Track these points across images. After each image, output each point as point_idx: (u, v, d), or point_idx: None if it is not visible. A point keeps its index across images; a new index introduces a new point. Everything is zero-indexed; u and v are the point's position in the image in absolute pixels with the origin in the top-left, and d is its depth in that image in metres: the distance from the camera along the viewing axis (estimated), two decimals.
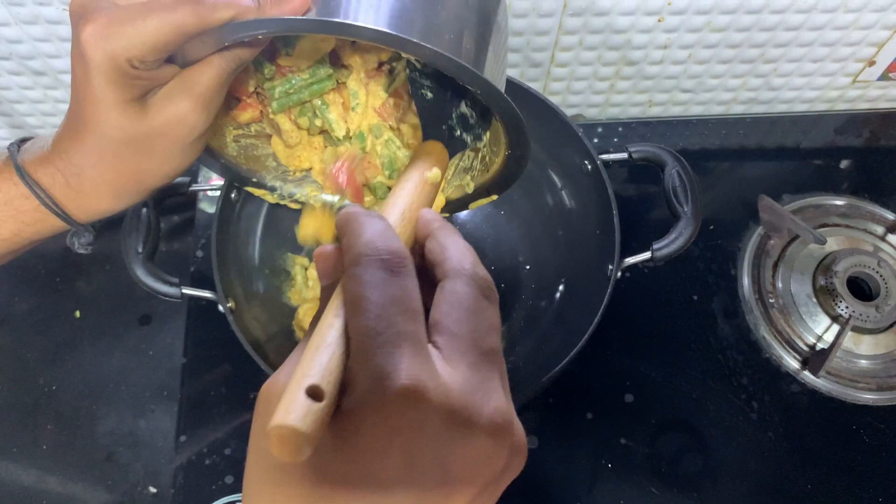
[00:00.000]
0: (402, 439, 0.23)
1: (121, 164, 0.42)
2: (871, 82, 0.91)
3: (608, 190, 0.66)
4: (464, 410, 0.24)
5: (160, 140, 0.41)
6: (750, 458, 0.71)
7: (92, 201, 0.44)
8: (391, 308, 0.25)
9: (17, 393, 0.74)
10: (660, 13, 0.75)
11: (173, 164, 0.43)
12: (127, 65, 0.36)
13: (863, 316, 0.75)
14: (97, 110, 0.39)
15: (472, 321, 0.27)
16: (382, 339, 0.24)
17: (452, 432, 0.24)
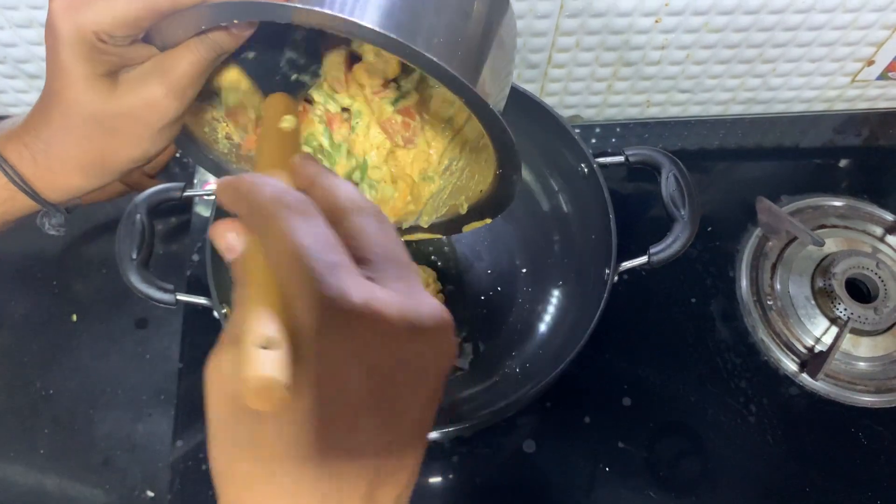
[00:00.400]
0: (373, 355, 0.24)
1: (87, 141, 0.41)
2: (870, 82, 0.90)
3: (605, 194, 0.66)
4: (412, 316, 0.25)
5: (128, 121, 0.40)
6: (748, 461, 0.71)
7: (60, 179, 0.43)
8: (319, 245, 0.25)
9: (13, 397, 0.74)
10: (657, 14, 0.75)
11: (141, 147, 0.42)
12: (95, 38, 0.36)
13: (861, 318, 0.75)
14: (64, 84, 0.38)
15: (382, 242, 0.28)
16: (322, 271, 0.24)
17: (411, 338, 0.25)
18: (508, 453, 0.70)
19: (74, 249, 0.82)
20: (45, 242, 0.82)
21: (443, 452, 0.70)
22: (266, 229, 0.26)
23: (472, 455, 0.70)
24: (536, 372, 0.69)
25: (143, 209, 0.63)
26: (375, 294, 0.25)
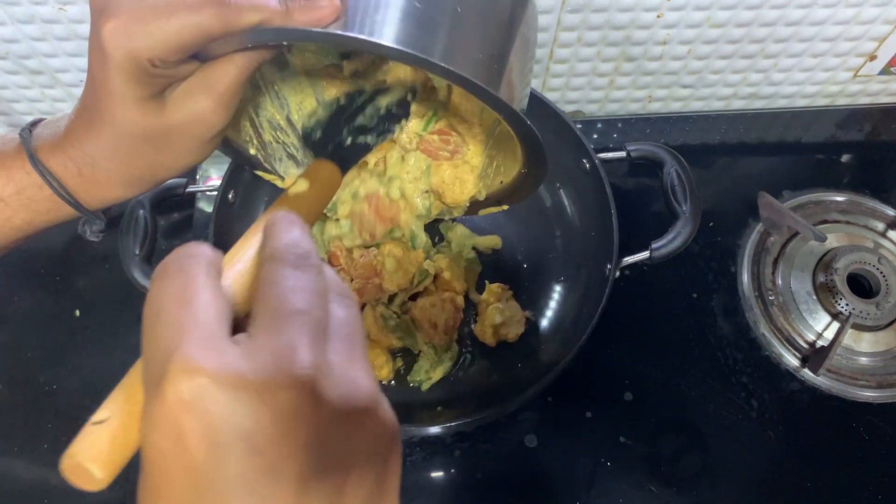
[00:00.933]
0: (191, 425, 0.22)
1: (136, 157, 0.41)
2: (873, 77, 0.90)
3: (606, 189, 0.66)
4: (254, 374, 0.23)
5: (177, 137, 0.40)
6: (749, 456, 0.71)
7: (104, 190, 0.43)
8: (173, 304, 0.24)
9: (17, 392, 0.74)
10: (659, 9, 0.75)
11: (189, 159, 0.43)
12: (148, 64, 0.36)
13: (863, 313, 0.75)
14: (114, 105, 0.38)
15: (273, 293, 0.26)
16: (162, 331, 0.24)
17: (244, 400, 0.22)
18: (510, 448, 0.71)
19: (77, 245, 0.82)
20: (49, 239, 0.83)
21: (444, 447, 0.71)
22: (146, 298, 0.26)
23: (474, 450, 0.71)
24: (538, 367, 0.69)
25: (146, 205, 0.63)
26: (223, 357, 0.23)
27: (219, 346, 0.23)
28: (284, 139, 0.57)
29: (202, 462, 0.22)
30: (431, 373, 0.69)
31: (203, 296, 0.25)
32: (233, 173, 0.67)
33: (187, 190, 0.66)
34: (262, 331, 0.24)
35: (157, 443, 0.22)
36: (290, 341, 0.24)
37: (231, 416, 0.22)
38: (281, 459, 0.22)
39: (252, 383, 0.22)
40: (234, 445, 0.22)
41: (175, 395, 0.22)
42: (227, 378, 0.22)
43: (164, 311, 0.24)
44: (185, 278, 0.25)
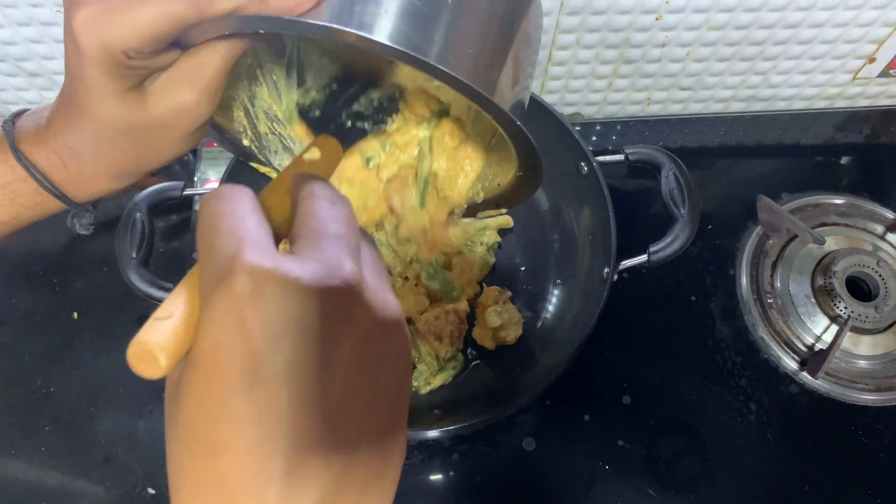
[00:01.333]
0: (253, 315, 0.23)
1: (120, 151, 0.40)
2: (872, 79, 0.90)
3: (605, 192, 0.66)
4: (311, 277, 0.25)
5: (161, 130, 0.39)
6: (748, 459, 0.71)
7: (91, 183, 0.43)
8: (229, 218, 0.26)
9: (14, 394, 0.74)
10: (658, 11, 0.75)
11: (175, 150, 0.42)
12: (123, 56, 0.35)
13: (862, 316, 0.75)
14: (93, 99, 0.37)
15: (316, 219, 0.28)
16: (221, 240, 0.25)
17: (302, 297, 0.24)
18: (508, 451, 0.71)
19: (75, 247, 0.82)
20: (47, 241, 0.83)
21: (443, 450, 0.70)
22: (198, 219, 0.27)
23: (472, 453, 0.70)
24: (536, 370, 0.69)
25: (143, 208, 0.63)
26: (279, 260, 0.24)
27: (274, 253, 0.25)
28: (281, 131, 0.56)
29: (260, 349, 0.23)
30: (431, 379, 0.69)
31: (253, 217, 0.27)
32: (231, 176, 0.66)
33: (185, 193, 0.65)
34: (307, 249, 0.26)
35: (214, 334, 0.23)
36: (336, 255, 0.26)
37: (289, 309, 0.24)
38: (329, 350, 0.25)
39: (308, 283, 0.24)
40: (290, 335, 0.24)
41: (240, 288, 0.23)
42: (285, 277, 0.24)
43: (222, 224, 0.26)
44: (238, 203, 0.27)
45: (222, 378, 0.23)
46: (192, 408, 0.24)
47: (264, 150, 0.57)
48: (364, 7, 0.33)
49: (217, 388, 0.23)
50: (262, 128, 0.55)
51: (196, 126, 0.40)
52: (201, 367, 0.24)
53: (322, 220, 0.28)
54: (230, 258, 0.24)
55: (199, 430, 0.24)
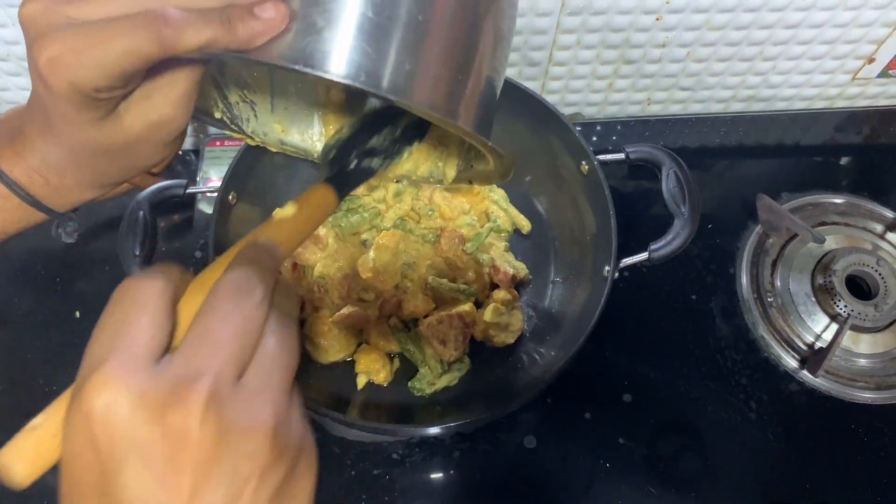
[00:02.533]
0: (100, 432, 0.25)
1: (102, 166, 0.40)
2: (871, 79, 0.90)
3: (605, 191, 0.66)
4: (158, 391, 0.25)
5: (140, 145, 0.39)
6: (748, 457, 0.71)
7: (75, 195, 0.43)
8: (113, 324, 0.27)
9: (17, 394, 0.74)
10: (658, 12, 0.75)
11: (156, 159, 0.42)
12: (92, 92, 0.34)
13: (861, 315, 0.75)
14: (68, 127, 0.36)
15: (203, 316, 0.28)
16: (91, 356, 0.27)
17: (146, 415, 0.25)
18: (509, 449, 0.71)
19: (77, 247, 0.82)
20: (48, 240, 0.83)
21: (444, 448, 0.71)
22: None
23: (474, 451, 0.71)
24: (537, 368, 0.69)
25: (145, 206, 0.63)
26: (133, 376, 0.25)
27: (136, 366, 0.26)
28: (252, 97, 0.55)
29: (106, 468, 0.24)
30: (435, 381, 0.69)
31: (143, 319, 0.27)
32: (233, 175, 0.67)
33: (187, 191, 0.66)
34: (179, 354, 0.27)
35: (71, 447, 0.25)
36: (198, 367, 0.26)
37: (131, 429, 0.25)
38: (171, 473, 0.25)
39: (150, 402, 0.25)
40: (132, 456, 0.25)
41: (89, 404, 0.24)
42: (132, 395, 0.25)
43: (105, 331, 0.27)
44: (133, 303, 0.28)
45: (79, 492, 0.25)
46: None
47: (236, 120, 0.56)
48: (318, 37, 0.33)
49: (78, 498, 0.25)
50: (232, 97, 0.54)
51: (172, 137, 0.40)
52: (64, 476, 0.26)
53: (209, 322, 0.28)
54: (92, 370, 0.25)
55: None
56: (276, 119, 0.59)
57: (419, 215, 0.76)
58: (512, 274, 0.72)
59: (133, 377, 0.25)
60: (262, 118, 0.58)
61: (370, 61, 0.33)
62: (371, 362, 0.70)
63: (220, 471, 0.26)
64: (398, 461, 0.70)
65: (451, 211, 0.75)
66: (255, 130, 0.58)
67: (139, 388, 0.25)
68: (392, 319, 0.72)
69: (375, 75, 0.33)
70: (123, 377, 0.25)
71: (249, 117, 0.57)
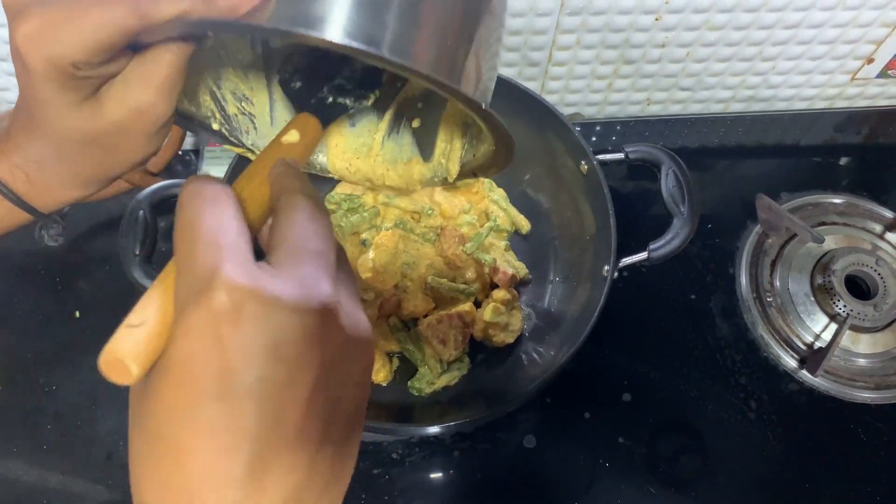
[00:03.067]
0: (229, 331, 0.24)
1: (84, 160, 0.40)
2: (870, 80, 0.90)
3: (605, 191, 0.66)
4: (289, 296, 0.25)
5: (122, 135, 0.38)
6: (748, 457, 0.71)
7: (57, 193, 0.42)
8: (210, 228, 0.26)
9: (16, 393, 0.74)
10: (658, 12, 0.75)
11: (140, 153, 0.41)
12: (70, 68, 0.33)
13: (861, 315, 0.75)
14: (48, 113, 0.36)
15: (297, 231, 0.29)
16: (199, 252, 0.26)
17: (278, 316, 0.25)
18: (509, 449, 0.71)
19: (77, 246, 0.82)
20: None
21: (444, 448, 0.71)
22: (177, 217, 0.28)
23: (473, 450, 0.71)
24: (537, 368, 0.69)
25: (145, 206, 0.63)
26: (258, 277, 0.25)
27: (254, 269, 0.26)
28: (251, 110, 0.55)
29: (233, 365, 0.24)
30: (435, 380, 0.69)
31: (235, 225, 0.27)
32: (233, 174, 0.67)
33: None
34: (287, 264, 0.27)
35: (189, 346, 0.24)
36: (314, 275, 0.27)
37: (265, 329, 0.25)
38: (299, 370, 0.25)
39: (286, 303, 0.25)
40: (264, 355, 0.25)
41: (218, 305, 0.24)
42: (264, 295, 0.25)
43: (202, 230, 0.26)
44: (219, 207, 0.28)
45: (194, 388, 0.24)
46: (160, 412, 0.25)
47: (235, 132, 0.55)
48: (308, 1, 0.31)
49: (187, 396, 0.24)
50: (230, 109, 0.54)
51: (156, 126, 0.39)
52: (173, 375, 0.25)
53: (302, 235, 0.29)
54: (209, 271, 0.25)
55: (166, 433, 0.25)
56: (276, 131, 0.59)
57: (419, 214, 0.76)
58: (512, 274, 0.72)
59: (258, 279, 0.25)
60: (261, 130, 0.58)
61: (368, 23, 0.32)
62: None
63: (337, 376, 0.27)
64: (398, 461, 0.70)
65: (451, 209, 0.75)
66: (255, 143, 0.58)
67: (269, 289, 0.25)
68: (392, 319, 0.72)
69: (374, 39, 0.31)
70: (249, 278, 0.25)
71: (249, 129, 0.57)
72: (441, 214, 0.75)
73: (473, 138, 0.54)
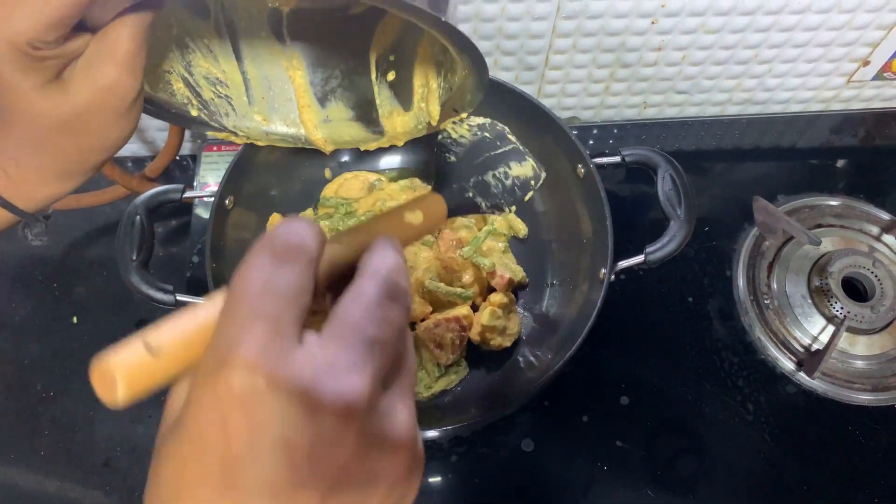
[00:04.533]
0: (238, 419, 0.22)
1: (59, 148, 0.39)
2: (866, 82, 0.91)
3: (602, 194, 0.66)
4: (310, 387, 0.23)
5: (92, 116, 0.38)
6: (745, 459, 0.71)
7: (37, 189, 0.42)
8: (258, 290, 0.24)
9: (14, 399, 0.74)
10: (654, 15, 0.76)
11: (114, 134, 0.40)
12: (28, 48, 0.33)
13: (858, 317, 0.76)
14: (14, 100, 0.36)
15: (361, 311, 0.26)
16: (236, 317, 0.24)
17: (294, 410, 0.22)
18: (507, 452, 0.71)
19: (75, 252, 0.82)
20: (46, 245, 0.83)
21: (441, 452, 0.71)
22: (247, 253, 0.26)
23: (471, 454, 0.71)
24: (534, 371, 0.69)
25: (142, 210, 0.63)
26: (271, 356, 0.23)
27: (285, 349, 0.23)
28: (227, 92, 0.55)
29: (238, 457, 0.22)
30: (433, 384, 0.69)
31: (294, 290, 0.25)
32: (230, 179, 0.67)
33: (184, 196, 0.66)
34: (334, 342, 0.24)
35: (200, 422, 0.23)
36: (357, 366, 0.24)
37: (277, 422, 0.22)
38: (311, 475, 0.23)
39: (306, 397, 0.23)
40: (272, 451, 0.22)
41: (229, 387, 0.22)
42: (283, 384, 0.22)
43: (252, 292, 0.24)
44: (287, 266, 0.25)
45: (200, 469, 0.23)
46: (168, 482, 0.24)
47: (215, 116, 0.56)
48: None
49: (193, 476, 0.23)
50: (206, 94, 0.54)
51: (125, 104, 0.38)
52: (185, 445, 0.23)
53: (369, 315, 0.26)
54: (237, 341, 0.23)
55: None
56: (255, 110, 0.59)
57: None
58: (509, 277, 0.72)
59: (283, 363, 0.23)
60: (240, 111, 0.58)
61: None
62: None
63: (356, 481, 0.24)
64: None
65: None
66: (237, 125, 0.58)
67: (291, 377, 0.22)
68: None
69: None
70: (273, 361, 0.22)
71: (228, 112, 0.57)
72: None
73: (447, 73, 0.53)
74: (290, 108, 0.60)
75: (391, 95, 0.58)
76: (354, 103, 0.60)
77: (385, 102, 0.58)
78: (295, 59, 0.57)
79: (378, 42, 0.55)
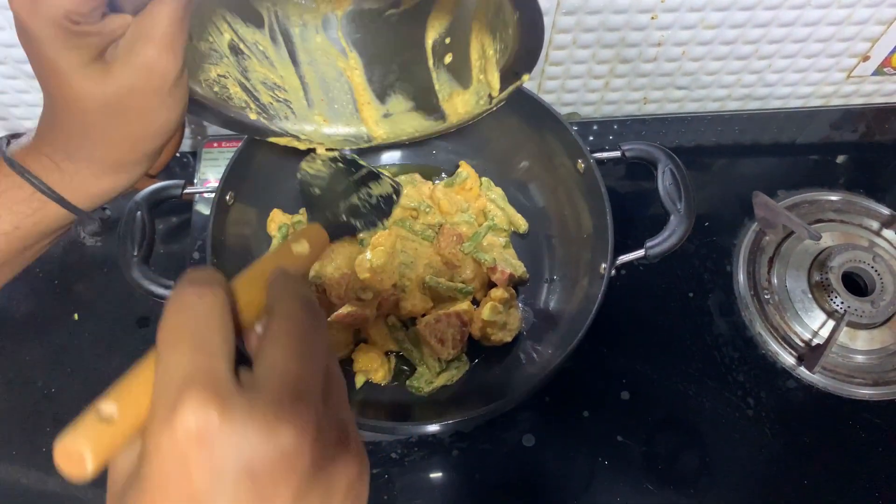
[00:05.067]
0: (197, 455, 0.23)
1: (106, 134, 0.40)
2: (866, 77, 0.91)
3: (602, 189, 0.66)
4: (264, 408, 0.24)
5: (135, 96, 0.38)
6: (746, 454, 0.71)
7: (91, 183, 0.42)
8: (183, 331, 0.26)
9: (15, 396, 0.74)
10: (653, 11, 0.76)
11: (161, 118, 0.41)
12: (67, 22, 0.34)
13: (858, 311, 0.76)
14: (59, 82, 0.37)
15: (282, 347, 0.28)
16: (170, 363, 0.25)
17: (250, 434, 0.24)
18: (508, 448, 0.71)
19: (76, 249, 0.82)
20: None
21: (442, 447, 0.71)
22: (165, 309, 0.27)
23: (472, 450, 0.71)
24: (535, 366, 0.69)
25: (144, 206, 0.63)
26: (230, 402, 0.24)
27: (228, 387, 0.24)
28: (285, 96, 0.56)
29: (203, 491, 0.23)
30: (434, 379, 0.69)
31: (221, 333, 0.26)
32: (230, 175, 0.67)
33: (185, 192, 0.66)
34: (265, 381, 0.26)
35: (160, 467, 0.24)
36: (292, 394, 0.26)
37: (235, 450, 0.23)
38: (276, 493, 0.24)
39: (259, 421, 0.24)
40: (235, 478, 0.23)
41: (185, 427, 0.23)
42: (237, 413, 0.24)
43: (184, 338, 0.26)
44: (207, 310, 0.27)
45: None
46: None
47: (275, 119, 0.57)
48: None
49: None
50: (264, 98, 0.55)
51: (166, 85, 0.39)
52: (149, 493, 0.24)
53: (290, 352, 0.27)
54: (183, 385, 0.24)
55: None
56: (315, 112, 0.59)
57: (418, 212, 0.76)
58: (510, 273, 0.72)
59: (230, 397, 0.24)
60: (300, 114, 0.59)
61: None
62: (369, 361, 0.70)
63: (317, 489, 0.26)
64: (397, 460, 0.70)
65: (450, 206, 0.75)
66: (298, 129, 0.59)
67: (240, 408, 0.24)
68: (390, 318, 0.72)
69: None
70: (221, 397, 0.24)
71: (287, 115, 0.58)
72: (440, 210, 0.76)
73: (500, 32, 0.53)
74: (350, 107, 0.61)
75: (450, 78, 0.59)
76: (413, 94, 0.60)
77: (444, 86, 0.59)
78: (352, 60, 0.58)
79: (432, 29, 0.56)
